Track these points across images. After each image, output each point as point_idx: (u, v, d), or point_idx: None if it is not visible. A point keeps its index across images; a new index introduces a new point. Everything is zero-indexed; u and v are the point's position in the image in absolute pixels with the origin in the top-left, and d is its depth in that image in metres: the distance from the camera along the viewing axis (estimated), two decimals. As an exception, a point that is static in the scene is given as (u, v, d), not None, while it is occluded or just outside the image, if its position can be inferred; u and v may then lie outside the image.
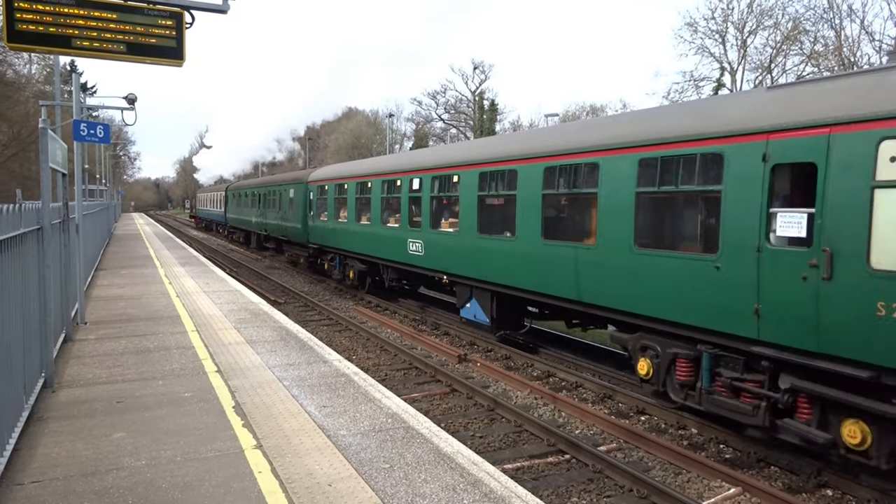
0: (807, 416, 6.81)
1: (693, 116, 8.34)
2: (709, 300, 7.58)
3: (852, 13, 44.22)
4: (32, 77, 44.99)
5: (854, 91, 6.45)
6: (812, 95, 6.92)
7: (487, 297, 12.60)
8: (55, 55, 18.69)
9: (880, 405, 6.04)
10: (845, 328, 6.22)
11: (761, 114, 7.19)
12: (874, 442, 6.18)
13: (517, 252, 11.21)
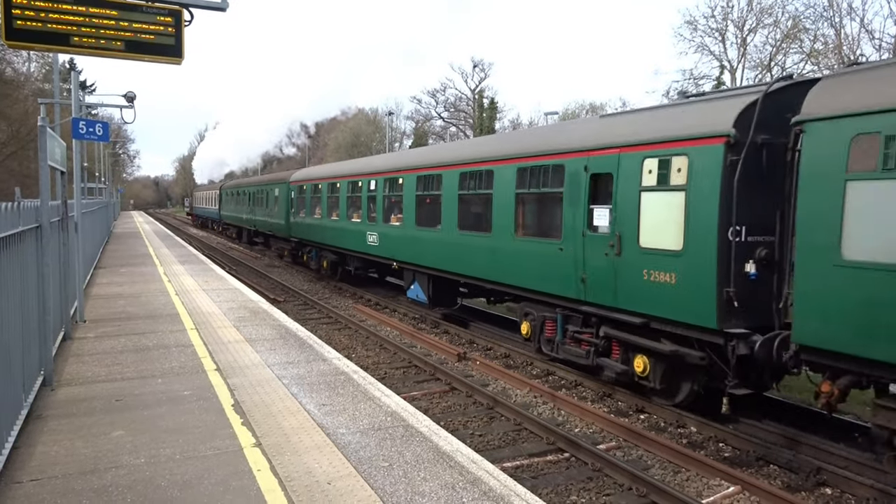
0: (617, 356, 9.55)
1: (551, 136, 11.34)
2: (558, 273, 10.30)
3: (852, 11, 44.15)
4: (31, 75, 44.95)
5: (634, 125, 9.29)
6: (615, 125, 9.75)
7: (425, 279, 15.26)
8: (54, 53, 18.67)
9: (652, 343, 8.74)
10: (628, 289, 8.95)
11: (587, 137, 10.02)
12: (651, 369, 8.94)
13: (443, 241, 13.97)
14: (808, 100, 6.99)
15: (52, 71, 25.52)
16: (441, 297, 15.31)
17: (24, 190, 20.87)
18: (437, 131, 73.99)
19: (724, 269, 7.69)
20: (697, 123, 8.17)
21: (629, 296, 8.93)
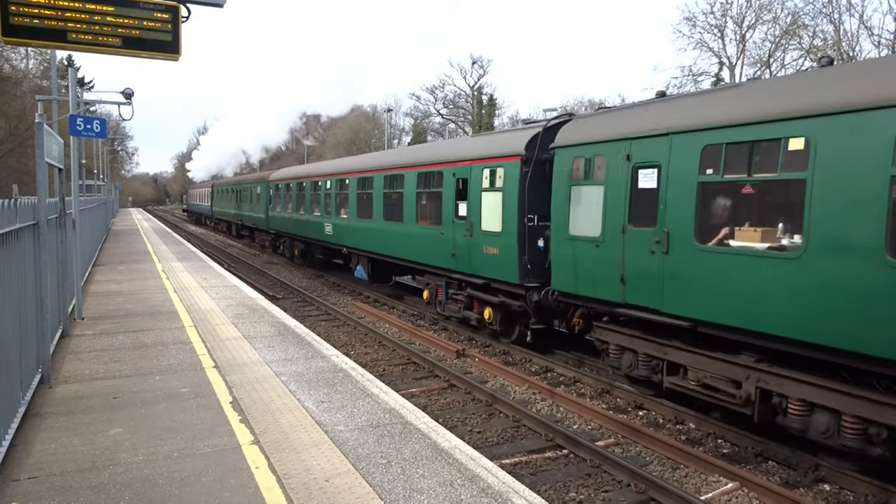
0: (477, 309, 13.09)
1: (437, 150, 15.77)
2: (441, 251, 13.81)
3: (851, 7, 43.98)
4: (29, 72, 44.85)
5: (478, 145, 13.42)
6: (472, 143, 14.59)
7: (366, 260, 19.39)
8: (51, 49, 18.62)
9: (491, 297, 12.41)
10: (477, 260, 12.52)
11: (454, 152, 13.85)
12: (493, 316, 12.61)
13: (375, 229, 17.63)
14: (559, 133, 10.61)
15: (49, 67, 25.45)
16: (378, 275, 19.43)
17: (22, 187, 20.79)
18: (436, 128, 73.92)
19: (522, 244, 11.30)
20: (508, 146, 11.83)
21: (477, 265, 12.59)
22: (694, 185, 7.89)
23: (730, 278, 7.45)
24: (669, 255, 8.25)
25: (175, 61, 6.90)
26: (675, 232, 8.17)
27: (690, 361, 8.36)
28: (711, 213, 7.97)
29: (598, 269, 9.52)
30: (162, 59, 6.94)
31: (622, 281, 9.04)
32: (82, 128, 11.46)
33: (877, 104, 5.99)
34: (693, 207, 7.91)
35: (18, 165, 38.84)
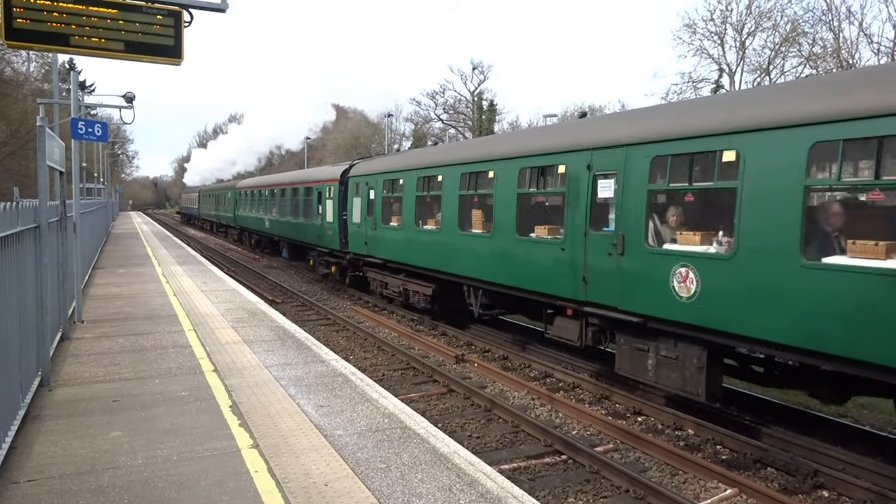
0: (332, 270, 21.76)
1: (308, 174, 25.40)
2: (311, 233, 22.84)
3: (851, 15, 44.27)
4: (31, 75, 44.89)
5: (323, 172, 23.70)
6: (323, 170, 24.22)
7: (287, 246, 28.68)
8: (53, 53, 18.65)
9: (337, 259, 20.98)
10: (321, 238, 21.73)
11: (317, 175, 23.25)
12: (338, 270, 21.30)
13: (291, 223, 25.95)
14: (351, 170, 19.10)
15: (51, 71, 25.48)
16: (295, 257, 28.09)
17: (23, 190, 20.77)
18: (437, 133, 73.98)
19: (342, 229, 19.45)
20: (332, 174, 21.08)
21: (325, 241, 21.15)
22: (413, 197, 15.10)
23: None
24: (377, 231, 17.00)
25: (177, 66, 6.93)
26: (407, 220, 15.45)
27: (391, 280, 17.05)
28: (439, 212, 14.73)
29: (359, 238, 18.22)
30: (164, 64, 6.98)
31: (365, 244, 17.87)
32: (84, 131, 11.48)
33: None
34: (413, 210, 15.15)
35: (19, 168, 38.87)
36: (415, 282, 15.41)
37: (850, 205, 6.97)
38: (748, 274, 7.06)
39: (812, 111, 6.56)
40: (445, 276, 13.62)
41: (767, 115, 6.98)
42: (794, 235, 6.57)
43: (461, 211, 12.88)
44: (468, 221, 12.77)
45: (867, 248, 6.11)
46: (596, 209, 9.26)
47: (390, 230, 16.08)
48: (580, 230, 9.46)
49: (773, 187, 6.80)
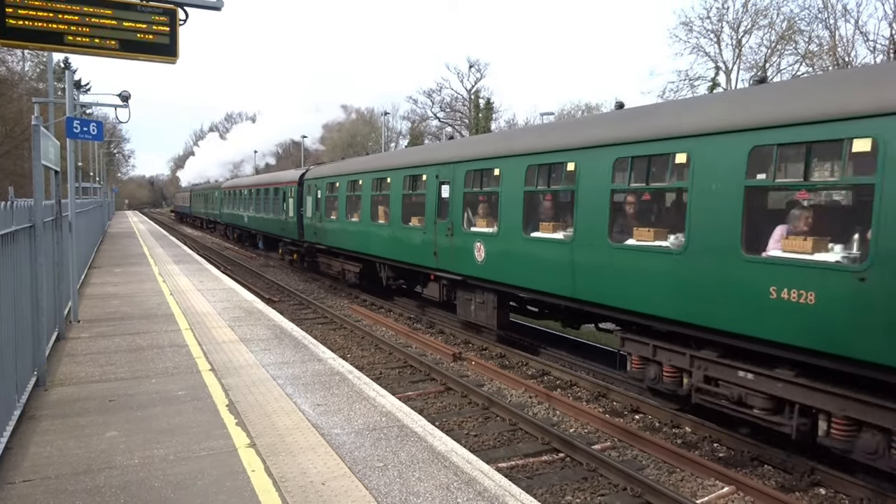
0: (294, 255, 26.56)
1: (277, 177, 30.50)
2: (279, 227, 27.57)
3: (847, 13, 44.34)
4: (26, 74, 44.76)
5: (286, 175, 28.49)
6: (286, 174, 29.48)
7: (261, 237, 32.74)
8: (48, 52, 18.56)
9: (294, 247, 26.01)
10: (286, 230, 26.20)
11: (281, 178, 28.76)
12: (299, 257, 25.67)
13: (264, 218, 29.89)
14: (306, 174, 23.96)
15: (46, 70, 25.38)
16: (268, 248, 32.36)
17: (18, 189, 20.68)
18: (433, 131, 73.91)
19: (299, 222, 23.88)
20: (293, 177, 25.54)
21: (289, 232, 25.43)
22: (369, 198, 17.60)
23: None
24: (322, 223, 21.25)
25: (172, 64, 6.90)
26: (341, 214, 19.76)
27: (333, 262, 21.36)
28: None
29: (311, 229, 22.52)
30: (159, 63, 6.95)
31: (315, 234, 22.11)
32: (79, 130, 11.44)
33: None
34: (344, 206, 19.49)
35: (14, 168, 38.77)
36: (349, 262, 19.86)
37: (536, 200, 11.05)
38: (506, 244, 11.27)
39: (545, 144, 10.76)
40: (367, 256, 17.94)
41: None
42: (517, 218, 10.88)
43: (372, 206, 17.16)
44: (376, 214, 16.99)
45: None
46: (441, 205, 13.38)
47: (331, 222, 20.59)
48: (433, 219, 13.68)
49: (514, 193, 10.97)
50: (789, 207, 7.20)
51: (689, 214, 7.68)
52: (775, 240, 6.91)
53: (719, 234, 7.32)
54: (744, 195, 7.04)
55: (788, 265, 6.58)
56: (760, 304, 6.82)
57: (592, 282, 9.26)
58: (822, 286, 6.27)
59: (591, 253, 9.22)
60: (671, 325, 8.16)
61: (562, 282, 9.85)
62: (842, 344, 6.14)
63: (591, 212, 9.16)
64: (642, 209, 9.26)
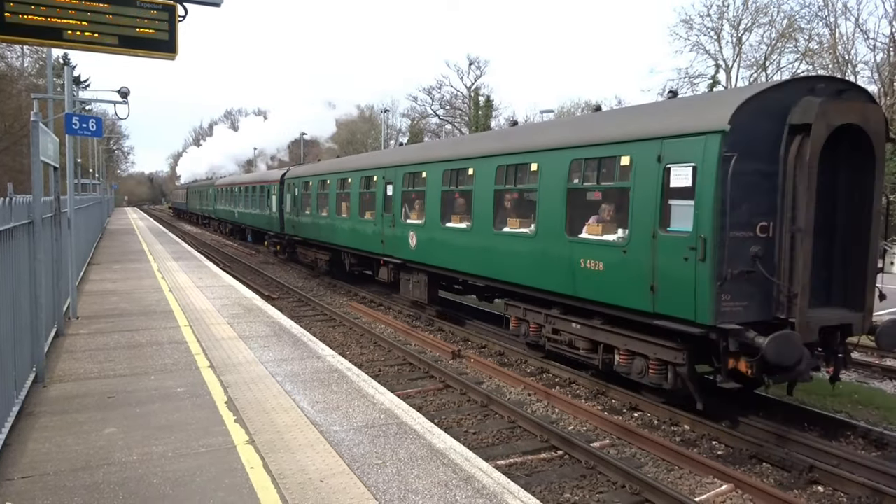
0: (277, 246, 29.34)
1: (263, 175, 34.20)
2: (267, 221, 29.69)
3: (847, 11, 44.29)
4: (25, 70, 44.71)
5: (269, 174, 32.87)
6: (270, 173, 34.07)
7: (250, 231, 35.45)
8: (47, 48, 18.54)
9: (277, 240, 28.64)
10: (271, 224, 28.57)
11: (265, 176, 32.41)
12: (281, 248, 28.49)
13: (254, 214, 32.21)
14: (286, 174, 26.79)
15: (46, 66, 25.35)
16: (256, 241, 34.79)
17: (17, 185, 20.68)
18: (433, 129, 73.88)
19: (280, 217, 26.40)
20: (275, 177, 28.37)
21: (274, 226, 27.55)
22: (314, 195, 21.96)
23: None
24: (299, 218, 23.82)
25: (172, 60, 6.88)
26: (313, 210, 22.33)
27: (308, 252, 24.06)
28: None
29: (290, 224, 24.79)
30: (158, 59, 6.93)
31: (293, 227, 24.45)
32: (78, 126, 11.42)
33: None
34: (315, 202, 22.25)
35: (14, 164, 38.74)
36: (321, 252, 22.58)
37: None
38: (430, 233, 13.92)
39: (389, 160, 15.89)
40: (334, 246, 20.70)
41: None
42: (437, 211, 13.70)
43: (338, 203, 19.84)
44: (341, 209, 19.65)
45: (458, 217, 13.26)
46: (386, 201, 16.11)
47: (305, 217, 23.24)
48: (381, 213, 16.40)
49: (435, 191, 13.79)
50: (591, 203, 9.94)
51: (538, 208, 10.45)
52: (585, 226, 9.65)
53: (554, 222, 10.07)
54: (566, 194, 9.79)
55: (590, 244, 9.41)
56: (576, 272, 9.57)
57: (486, 261, 12.05)
58: (606, 257, 9.05)
59: (483, 238, 12.04)
60: (533, 292, 10.83)
61: (468, 262, 12.64)
62: (617, 297, 8.88)
63: (484, 206, 12.01)
64: (516, 205, 11.86)
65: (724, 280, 7.33)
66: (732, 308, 7.53)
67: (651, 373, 8.70)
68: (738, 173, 7.29)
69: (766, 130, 7.66)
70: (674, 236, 7.94)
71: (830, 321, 7.93)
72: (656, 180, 8.20)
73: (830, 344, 8.11)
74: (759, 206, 7.66)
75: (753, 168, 7.57)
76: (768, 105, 7.69)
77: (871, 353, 12.85)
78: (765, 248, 7.62)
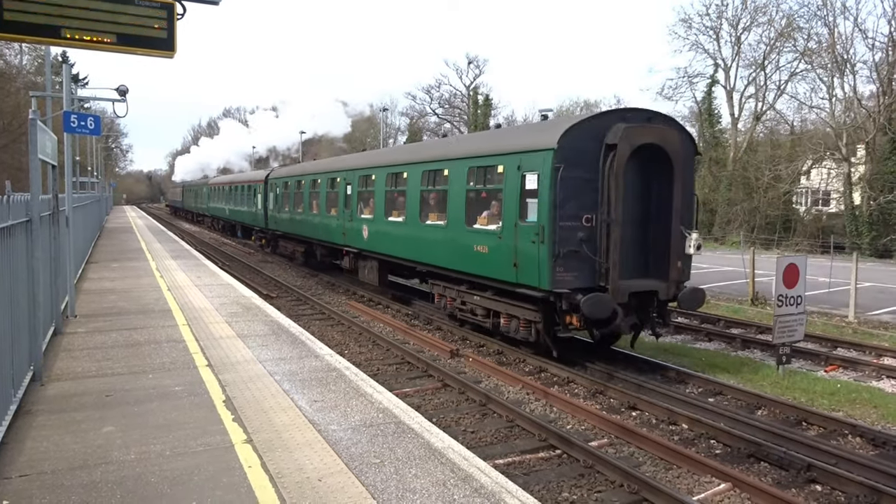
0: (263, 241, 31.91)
1: (250, 175, 37.03)
2: (252, 216, 32.73)
3: (846, 10, 44.42)
4: (23, 68, 44.61)
5: (253, 175, 36.62)
6: (255, 174, 36.89)
7: (240, 227, 37.53)
8: (45, 45, 18.50)
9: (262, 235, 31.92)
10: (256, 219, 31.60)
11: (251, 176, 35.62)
12: (266, 242, 31.11)
13: (242, 210, 35.16)
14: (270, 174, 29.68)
15: (44, 64, 25.31)
16: (244, 236, 36.98)
17: (15, 183, 20.65)
18: (432, 127, 73.81)
19: (265, 214, 29.20)
20: (258, 177, 32.05)
21: (258, 222, 30.66)
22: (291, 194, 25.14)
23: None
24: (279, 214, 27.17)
25: (170, 59, 6.87)
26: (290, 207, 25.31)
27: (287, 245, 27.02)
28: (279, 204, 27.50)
29: (273, 220, 27.80)
30: (157, 57, 6.91)
31: (275, 223, 27.74)
32: (76, 124, 11.41)
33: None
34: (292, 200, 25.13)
35: (12, 161, 38.65)
36: (298, 245, 25.53)
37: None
38: (378, 226, 16.55)
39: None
40: (307, 239, 23.59)
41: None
42: (383, 207, 16.40)
43: (310, 200, 22.89)
44: (312, 207, 22.61)
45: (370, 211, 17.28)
46: (346, 199, 19.05)
47: (285, 213, 26.10)
48: (342, 209, 19.24)
49: (381, 190, 16.50)
50: (482, 201, 12.66)
51: (448, 205, 13.18)
52: (478, 218, 12.30)
53: (458, 216, 12.76)
54: (465, 194, 12.63)
55: (480, 232, 12.06)
56: (471, 254, 12.26)
57: (417, 248, 14.63)
58: (489, 242, 11.72)
59: (414, 230, 14.68)
60: (448, 272, 13.38)
61: (405, 249, 15.31)
62: (496, 272, 11.57)
63: (414, 203, 14.66)
64: (435, 202, 14.39)
65: (558, 257, 10.09)
66: (564, 277, 10.22)
67: (521, 330, 11.46)
68: (565, 179, 9.99)
69: (589, 148, 10.25)
70: (527, 225, 10.67)
71: (638, 288, 10.59)
72: (517, 184, 10.90)
73: (647, 306, 10.80)
74: (584, 203, 10.26)
75: (578, 175, 10.16)
76: (590, 129, 10.34)
77: (868, 352, 12.87)
78: (588, 234, 10.28)
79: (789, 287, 11.12)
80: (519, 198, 10.79)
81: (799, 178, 42.74)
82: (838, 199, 40.52)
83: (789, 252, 33.21)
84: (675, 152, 10.61)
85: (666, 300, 10.85)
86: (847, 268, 18.33)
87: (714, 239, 42.93)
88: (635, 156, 10.31)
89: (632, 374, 10.80)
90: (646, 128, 10.53)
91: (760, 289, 18.52)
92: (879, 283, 22.70)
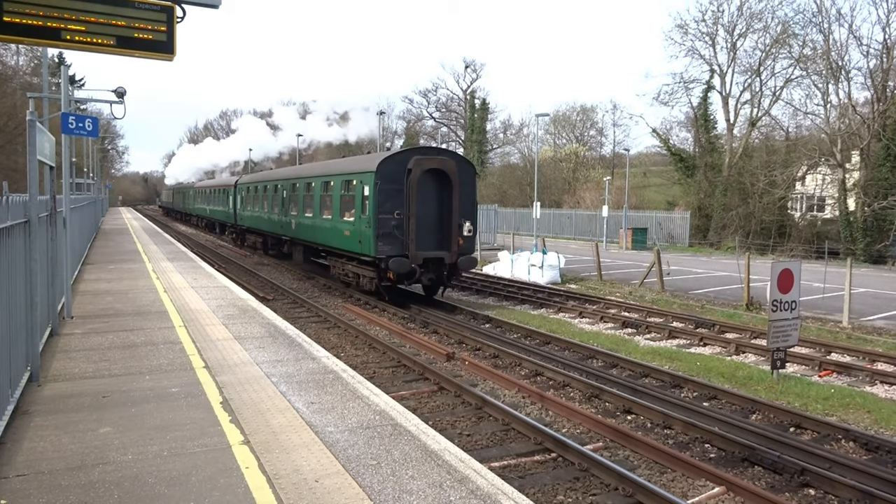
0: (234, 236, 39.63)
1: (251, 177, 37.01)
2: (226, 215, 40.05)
3: (841, 17, 44.63)
4: (20, 69, 44.56)
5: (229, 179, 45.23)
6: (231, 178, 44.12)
7: (218, 225, 45.16)
8: (43, 47, 18.51)
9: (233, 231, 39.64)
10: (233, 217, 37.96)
11: (223, 182, 44.42)
12: (236, 237, 38.68)
13: (219, 210, 42.19)
14: (239, 180, 37.75)
15: (41, 65, 25.30)
16: (221, 233, 43.59)
17: (12, 184, 20.67)
18: (429, 131, 73.91)
19: (234, 212, 37.05)
20: (232, 180, 39.27)
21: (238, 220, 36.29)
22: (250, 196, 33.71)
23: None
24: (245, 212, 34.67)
25: (169, 61, 6.90)
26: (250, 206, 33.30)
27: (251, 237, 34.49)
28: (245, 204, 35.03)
29: (241, 217, 34.95)
30: (156, 59, 6.94)
31: (242, 219, 34.87)
32: (74, 126, 11.40)
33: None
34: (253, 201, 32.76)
35: (8, 162, 38.59)
36: (258, 237, 32.06)
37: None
38: (300, 220, 23.69)
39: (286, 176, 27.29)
40: (263, 232, 30.20)
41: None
42: (301, 206, 24.05)
43: (264, 201, 29.03)
44: (265, 206, 28.94)
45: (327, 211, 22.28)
46: (283, 201, 25.86)
47: (248, 212, 33.06)
48: (281, 209, 26.27)
49: (303, 194, 23.72)
50: (348, 201, 18.82)
51: (332, 205, 20.12)
52: (345, 213, 18.82)
53: (337, 212, 19.62)
54: (340, 197, 19.29)
55: (346, 222, 18.73)
56: (342, 237, 19.05)
57: (320, 234, 21.46)
58: (349, 228, 18.49)
59: (317, 221, 21.60)
60: (336, 250, 19.98)
61: (313, 236, 22.25)
62: (353, 248, 18.34)
63: (315, 203, 21.84)
64: (328, 202, 20.68)
65: (379, 236, 16.74)
66: (384, 248, 16.80)
67: (366, 284, 18.28)
68: (382, 190, 16.81)
69: (399, 171, 16.99)
70: (364, 217, 17.36)
71: (430, 255, 17.19)
72: (360, 191, 17.61)
73: (441, 268, 17.58)
74: (395, 204, 16.90)
75: (391, 187, 16.87)
76: (398, 159, 17.32)
77: (862, 357, 12.95)
78: (398, 223, 16.91)
79: (784, 292, 11.21)
80: (361, 200, 17.63)
81: (794, 183, 42.92)
82: (833, 205, 40.70)
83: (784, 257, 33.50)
84: (452, 173, 17.20)
85: (450, 264, 17.40)
86: (841, 273, 18.41)
87: (709, 244, 43.08)
88: (431, 175, 17.12)
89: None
90: (432, 158, 17.27)
91: (755, 294, 18.61)
92: (873, 289, 22.84)
